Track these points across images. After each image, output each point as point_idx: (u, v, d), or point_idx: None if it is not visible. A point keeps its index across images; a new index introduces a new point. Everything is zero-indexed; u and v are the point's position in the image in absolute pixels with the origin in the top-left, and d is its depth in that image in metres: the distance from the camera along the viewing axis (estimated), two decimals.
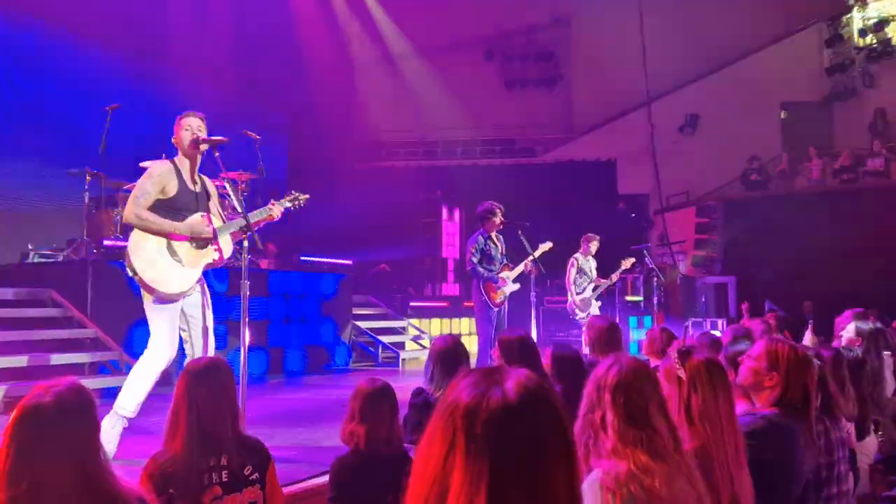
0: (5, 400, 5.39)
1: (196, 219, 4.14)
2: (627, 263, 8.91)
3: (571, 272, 8.43)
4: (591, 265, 8.64)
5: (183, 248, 4.09)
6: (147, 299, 4.04)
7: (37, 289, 6.90)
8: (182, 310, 4.15)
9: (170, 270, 4.01)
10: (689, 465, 1.94)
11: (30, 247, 8.20)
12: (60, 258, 7.74)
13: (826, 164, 14.82)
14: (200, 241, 4.15)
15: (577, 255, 8.55)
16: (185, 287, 4.08)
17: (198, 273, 4.16)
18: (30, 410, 1.66)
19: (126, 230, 4.07)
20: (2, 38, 9.75)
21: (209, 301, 4.28)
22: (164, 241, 4.03)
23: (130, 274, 3.99)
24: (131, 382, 3.95)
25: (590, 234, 8.66)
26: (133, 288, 4.27)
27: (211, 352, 4.18)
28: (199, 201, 4.22)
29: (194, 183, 4.22)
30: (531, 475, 0.95)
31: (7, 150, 9.61)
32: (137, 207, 3.97)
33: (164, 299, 4.02)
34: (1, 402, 5.38)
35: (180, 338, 4.18)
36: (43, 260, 7.81)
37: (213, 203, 4.34)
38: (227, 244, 4.26)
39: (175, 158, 4.21)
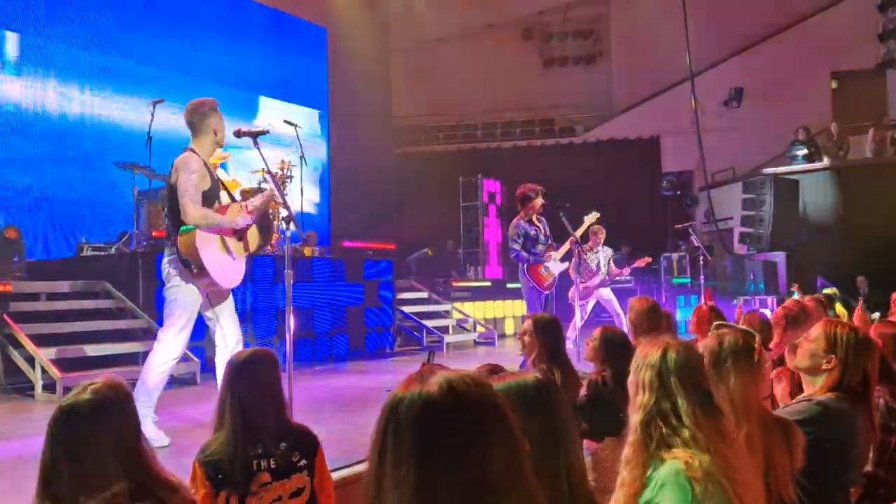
0: (64, 390, 5.59)
1: (235, 209, 4.18)
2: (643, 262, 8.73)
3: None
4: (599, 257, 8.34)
5: (231, 241, 4.16)
6: (170, 287, 4.07)
7: (91, 281, 7.12)
8: (210, 302, 4.20)
9: (225, 264, 4.10)
10: (742, 444, 1.90)
11: (83, 240, 8.46)
12: (113, 251, 7.95)
13: (881, 134, 14.28)
14: (240, 233, 4.21)
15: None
16: (239, 280, 4.19)
17: (244, 263, 4.25)
18: (68, 409, 1.71)
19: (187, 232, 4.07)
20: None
21: (231, 294, 4.35)
22: (218, 237, 4.08)
23: (196, 271, 3.97)
24: (145, 375, 3.99)
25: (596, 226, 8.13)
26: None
27: (240, 340, 4.23)
28: (221, 190, 4.26)
29: (214, 171, 4.25)
30: (454, 458, 1.02)
31: (59, 146, 9.90)
32: (198, 206, 3.94)
33: (185, 288, 4.04)
34: (60, 392, 5.57)
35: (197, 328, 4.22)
36: (96, 253, 8.04)
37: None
38: (254, 232, 4.31)
39: (195, 149, 4.13)
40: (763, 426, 2.13)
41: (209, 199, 4.11)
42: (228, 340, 4.17)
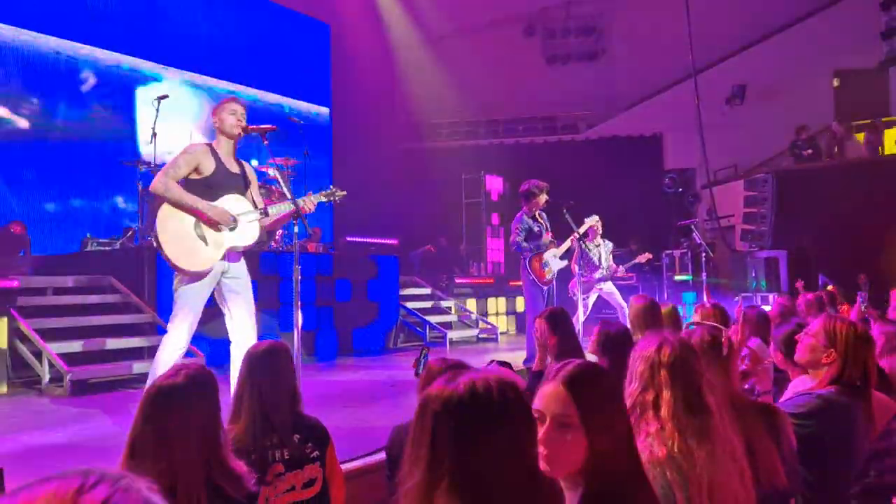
0: (70, 384, 5.63)
1: (225, 204, 4.16)
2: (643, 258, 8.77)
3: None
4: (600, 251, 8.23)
5: (210, 228, 4.13)
6: (175, 279, 4.11)
7: (96, 276, 7.15)
8: (223, 294, 4.22)
9: (193, 248, 4.06)
10: (734, 440, 1.93)
11: (88, 235, 8.50)
12: (117, 246, 7.99)
13: (882, 132, 14.29)
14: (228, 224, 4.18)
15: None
16: (206, 265, 4.09)
17: (220, 253, 4.15)
18: (165, 390, 1.76)
19: (159, 208, 4.14)
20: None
21: (250, 287, 4.34)
22: (191, 219, 4.08)
23: (156, 246, 4.06)
24: (155, 368, 4.01)
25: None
26: None
27: (254, 335, 4.22)
28: (236, 183, 4.26)
29: (233, 165, 4.28)
30: (463, 445, 1.19)
31: (63, 142, 9.94)
32: (166, 177, 4.04)
33: (189, 280, 4.07)
34: (67, 386, 5.62)
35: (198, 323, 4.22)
36: (101, 248, 8.08)
37: (253, 189, 4.39)
38: (253, 230, 4.28)
39: (213, 142, 4.28)
40: (739, 415, 2.16)
41: (209, 185, 4.13)
42: (240, 333, 4.17)
